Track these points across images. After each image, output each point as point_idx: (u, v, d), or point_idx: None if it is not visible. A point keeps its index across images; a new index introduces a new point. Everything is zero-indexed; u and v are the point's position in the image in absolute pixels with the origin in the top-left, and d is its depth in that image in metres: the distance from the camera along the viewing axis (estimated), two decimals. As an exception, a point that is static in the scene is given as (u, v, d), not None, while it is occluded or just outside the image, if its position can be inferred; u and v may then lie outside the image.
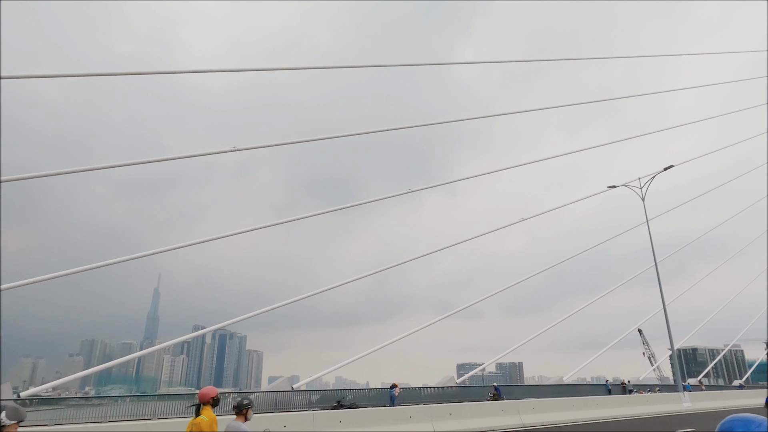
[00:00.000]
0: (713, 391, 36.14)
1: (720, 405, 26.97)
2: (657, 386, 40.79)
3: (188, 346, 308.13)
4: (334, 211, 23.50)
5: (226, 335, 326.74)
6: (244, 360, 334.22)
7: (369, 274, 22.58)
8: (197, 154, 20.13)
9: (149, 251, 17.15)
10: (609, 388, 35.98)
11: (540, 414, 17.79)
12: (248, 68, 20.03)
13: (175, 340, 25.04)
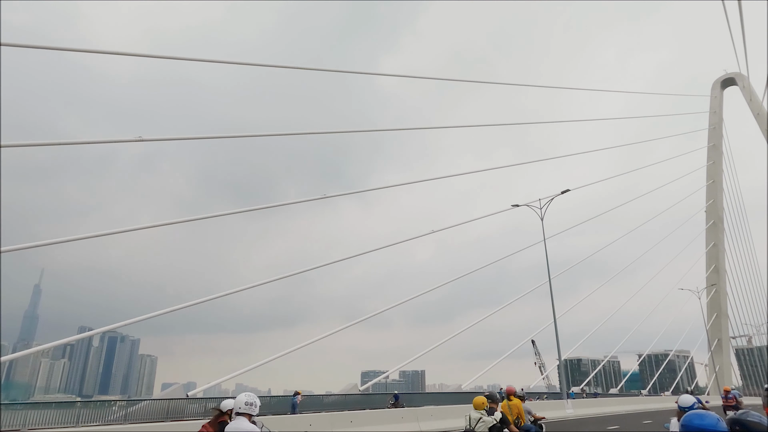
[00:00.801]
0: (592, 398, 39.47)
1: (598, 411, 29.49)
2: (545, 394, 43.78)
3: (71, 349, 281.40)
4: (245, 212, 22.77)
5: (116, 338, 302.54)
6: (136, 365, 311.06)
7: (277, 278, 22.08)
8: (97, 141, 18.62)
9: (28, 243, 15.48)
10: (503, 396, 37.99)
11: (438, 420, 18.34)
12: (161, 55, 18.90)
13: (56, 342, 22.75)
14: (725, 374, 57.51)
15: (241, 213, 22.36)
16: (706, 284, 59.51)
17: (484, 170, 34.52)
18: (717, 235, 61.05)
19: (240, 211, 22.44)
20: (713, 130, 63.16)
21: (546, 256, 32.03)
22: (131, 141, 17.13)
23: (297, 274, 23.48)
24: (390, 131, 28.26)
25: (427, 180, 33.12)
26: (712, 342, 57.88)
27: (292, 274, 22.93)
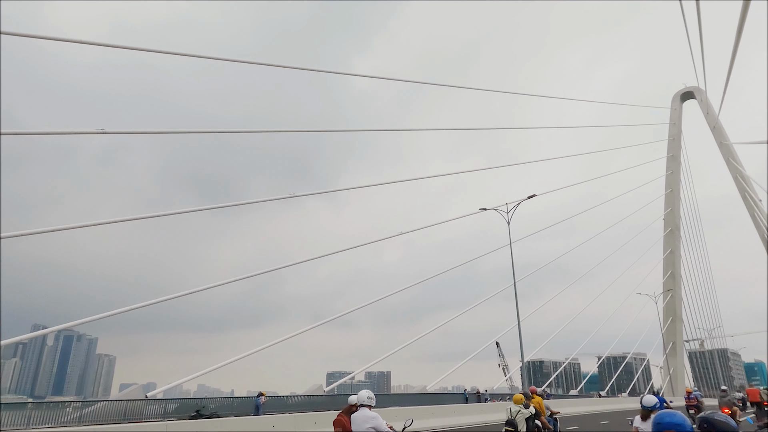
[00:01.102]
0: (553, 399, 40.35)
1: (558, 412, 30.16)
2: (508, 395, 44.50)
3: (24, 347, 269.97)
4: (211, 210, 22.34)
5: (72, 337, 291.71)
6: (93, 365, 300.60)
7: (243, 277, 21.75)
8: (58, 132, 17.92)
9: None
10: (467, 396, 38.48)
11: (402, 421, 18.40)
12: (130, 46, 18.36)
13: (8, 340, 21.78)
14: (679, 376, 59.77)
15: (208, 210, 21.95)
16: (663, 289, 61.73)
17: (453, 173, 34.95)
18: (674, 242, 63.44)
19: (206, 208, 22.01)
20: (672, 141, 65.60)
21: (512, 260, 32.59)
22: (94, 133, 16.58)
23: (264, 273, 23.21)
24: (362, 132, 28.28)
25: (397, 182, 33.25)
26: (667, 345, 60.08)
27: (259, 273, 22.65)
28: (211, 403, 24.10)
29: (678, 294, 62.83)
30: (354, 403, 6.83)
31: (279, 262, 29.34)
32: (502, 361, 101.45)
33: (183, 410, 21.32)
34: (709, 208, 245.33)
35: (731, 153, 57.21)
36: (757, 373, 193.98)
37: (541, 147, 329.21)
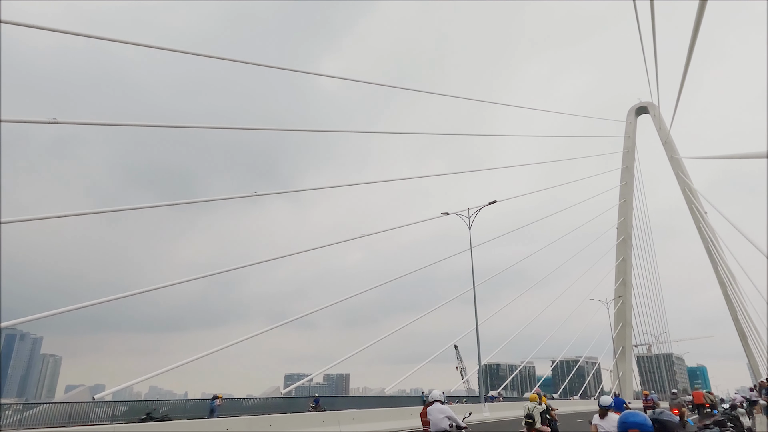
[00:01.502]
0: (508, 402, 41.16)
1: (512, 414, 30.79)
2: (464, 398, 45.11)
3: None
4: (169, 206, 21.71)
5: (15, 336, 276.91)
6: (36, 365, 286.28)
7: (200, 276, 21.21)
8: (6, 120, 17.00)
9: None
10: (424, 399, 38.71)
11: (359, 424, 18.37)
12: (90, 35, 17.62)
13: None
14: (627, 379, 62.10)
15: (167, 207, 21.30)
16: (615, 296, 64.05)
17: (417, 177, 35.22)
18: (626, 250, 65.95)
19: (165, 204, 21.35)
20: (627, 153, 68.25)
21: (471, 264, 33.11)
22: (45, 123, 15.83)
23: (223, 272, 22.70)
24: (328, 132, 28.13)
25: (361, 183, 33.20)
26: (617, 349, 62.32)
27: (218, 272, 22.15)
28: (163, 405, 23.38)
29: (628, 300, 65.31)
30: (433, 399, 8.90)
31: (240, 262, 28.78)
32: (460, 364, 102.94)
33: (133, 413, 20.60)
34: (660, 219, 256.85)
35: (681, 167, 60.00)
36: (699, 376, 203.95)
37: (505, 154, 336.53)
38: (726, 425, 10.08)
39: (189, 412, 22.96)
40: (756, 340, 44.08)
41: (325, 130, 27.79)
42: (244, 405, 27.39)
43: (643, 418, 3.15)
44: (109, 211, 19.14)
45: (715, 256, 52.99)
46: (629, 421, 3.15)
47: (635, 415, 3.17)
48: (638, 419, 3.13)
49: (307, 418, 17.41)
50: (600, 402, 8.38)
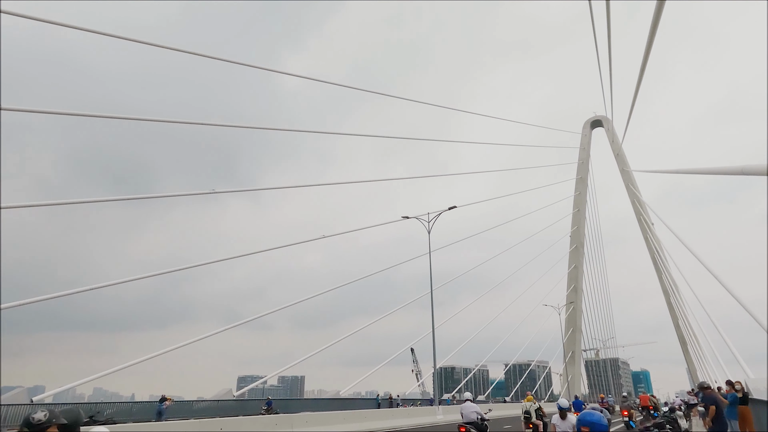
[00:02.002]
0: (462, 404, 41.76)
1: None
2: (419, 400, 45.46)
3: None
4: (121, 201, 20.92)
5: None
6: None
7: (152, 274, 20.54)
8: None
9: None
10: (379, 401, 38.83)
11: (313, 427, 18.22)
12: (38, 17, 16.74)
13: None
14: (576, 383, 64.16)
15: (120, 201, 20.52)
16: (566, 302, 66.14)
17: (379, 180, 35.34)
18: (578, 258, 68.27)
19: (117, 199, 20.60)
20: (581, 165, 70.75)
21: (430, 268, 33.46)
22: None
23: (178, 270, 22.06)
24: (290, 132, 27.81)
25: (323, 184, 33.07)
26: (567, 354, 64.34)
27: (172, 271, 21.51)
28: (108, 408, 22.51)
29: (579, 306, 67.58)
30: (465, 399, 11.67)
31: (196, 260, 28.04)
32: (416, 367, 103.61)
33: (75, 416, 19.66)
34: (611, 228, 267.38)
35: (631, 179, 62.66)
36: (643, 380, 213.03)
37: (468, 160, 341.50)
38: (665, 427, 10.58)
39: (135, 415, 22.18)
40: (695, 346, 46.46)
41: (288, 129, 27.48)
42: (195, 408, 26.68)
43: (599, 417, 3.50)
44: (56, 204, 18.27)
45: (660, 265, 55.57)
46: (585, 419, 3.49)
47: (591, 415, 3.51)
48: (594, 418, 3.48)
49: (260, 421, 17.12)
50: (559, 404, 9.03)
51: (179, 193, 22.46)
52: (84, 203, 18.89)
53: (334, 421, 19.87)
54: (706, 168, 16.23)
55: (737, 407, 13.16)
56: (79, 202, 18.52)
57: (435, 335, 32.10)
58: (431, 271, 33.33)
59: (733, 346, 21.29)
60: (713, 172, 15.23)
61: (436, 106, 40.59)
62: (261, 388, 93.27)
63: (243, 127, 24.98)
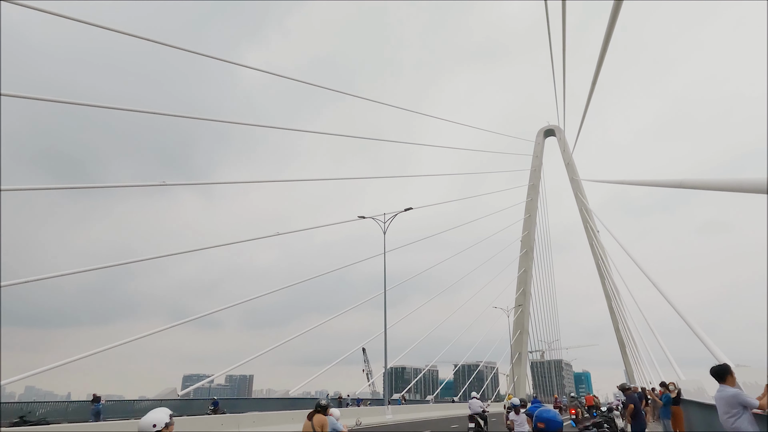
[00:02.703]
0: (411, 404, 42.20)
1: (414, 416, 31.61)
2: (368, 400, 45.52)
3: None
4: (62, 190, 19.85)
5: None
6: None
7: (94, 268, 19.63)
8: None
9: None
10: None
11: (260, 427, 17.91)
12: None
13: None
14: (521, 383, 66.07)
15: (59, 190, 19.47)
16: (515, 304, 68.03)
17: (334, 179, 35.17)
18: (528, 262, 70.37)
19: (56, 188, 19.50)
20: (534, 172, 73.00)
21: (384, 269, 33.60)
22: None
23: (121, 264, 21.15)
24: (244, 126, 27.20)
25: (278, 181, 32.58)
26: (514, 355, 66.18)
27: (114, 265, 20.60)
28: (41, 407, 21.28)
29: (527, 309, 69.64)
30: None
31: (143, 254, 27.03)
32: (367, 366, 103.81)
33: (4, 416, 18.54)
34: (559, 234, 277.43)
35: (579, 188, 65.16)
36: (584, 381, 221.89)
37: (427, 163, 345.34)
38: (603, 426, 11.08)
39: (70, 415, 21.09)
40: (632, 349, 48.82)
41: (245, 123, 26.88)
42: (136, 407, 25.67)
43: (554, 413, 3.79)
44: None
45: (604, 271, 58.05)
46: (542, 416, 3.78)
47: (548, 412, 3.79)
48: (549, 415, 3.76)
49: (206, 421, 16.68)
50: (512, 402, 10.70)
51: (128, 184, 21.58)
52: (23, 190, 17.81)
53: (282, 421, 19.61)
54: (648, 180, 17.08)
55: (671, 407, 13.93)
56: (18, 189, 17.45)
57: (387, 335, 32.26)
58: (385, 271, 33.49)
59: (667, 350, 22.50)
60: (655, 184, 16.05)
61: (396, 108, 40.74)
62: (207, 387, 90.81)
63: (198, 119, 24.24)
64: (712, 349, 12.76)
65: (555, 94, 40.73)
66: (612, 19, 10.97)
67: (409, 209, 35.33)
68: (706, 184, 10.26)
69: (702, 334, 13.99)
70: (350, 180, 40.68)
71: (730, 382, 5.47)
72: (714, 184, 9.72)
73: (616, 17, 10.91)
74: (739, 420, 5.06)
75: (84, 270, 19.49)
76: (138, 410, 25.15)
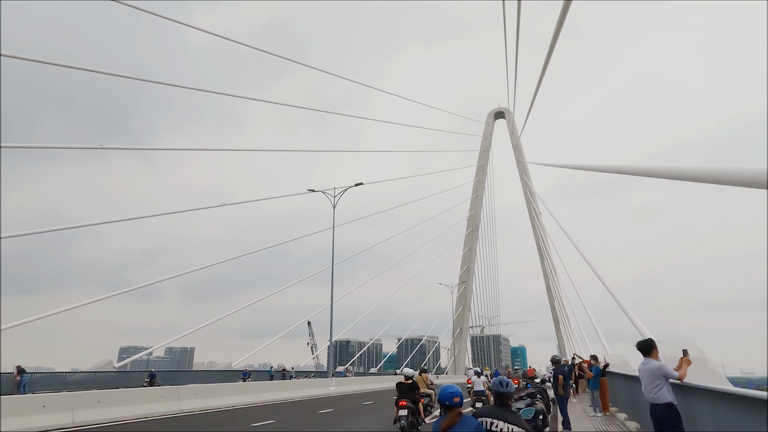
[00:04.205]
0: (354, 377, 42.93)
1: (358, 388, 32.16)
2: (312, 372, 45.87)
3: None
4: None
5: None
6: None
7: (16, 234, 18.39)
8: None
9: None
10: (272, 374, 38.59)
11: (201, 399, 17.65)
12: None
13: None
14: (461, 357, 68.57)
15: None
16: (459, 281, 69.98)
17: (284, 150, 34.47)
18: (473, 241, 72.26)
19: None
20: (483, 153, 74.42)
21: (332, 243, 33.53)
22: None
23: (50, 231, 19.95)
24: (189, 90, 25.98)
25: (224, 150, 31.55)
26: (456, 330, 68.37)
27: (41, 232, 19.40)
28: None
29: (470, 286, 71.82)
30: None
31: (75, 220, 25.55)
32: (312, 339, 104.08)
33: None
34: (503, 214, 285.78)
35: (525, 170, 67.14)
36: (520, 355, 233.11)
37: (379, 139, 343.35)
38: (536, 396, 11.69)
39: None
40: (566, 325, 51.61)
41: (188, 87, 25.70)
42: (68, 380, 24.69)
43: (508, 380, 3.81)
44: None
45: (543, 251, 60.58)
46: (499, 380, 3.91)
47: (503, 378, 3.82)
48: (504, 380, 3.81)
49: (143, 394, 16.24)
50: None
51: (61, 145, 20.22)
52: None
53: (224, 393, 19.42)
54: (589, 165, 17.80)
55: (599, 378, 14.93)
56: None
57: (333, 309, 32.41)
58: (334, 246, 33.44)
59: (597, 326, 23.92)
60: (595, 169, 16.74)
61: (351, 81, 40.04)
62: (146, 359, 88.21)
63: (140, 80, 22.90)
64: (638, 325, 13.65)
65: (507, 78, 41.44)
66: (563, 10, 11.19)
67: (359, 184, 35.25)
68: (641, 171, 10.81)
69: (630, 311, 14.94)
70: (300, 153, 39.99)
71: (654, 355, 5.90)
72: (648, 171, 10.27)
73: (568, 8, 11.14)
74: (661, 390, 5.49)
75: (7, 236, 18.23)
76: (70, 383, 24.19)
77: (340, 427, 12.98)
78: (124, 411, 14.27)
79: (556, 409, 14.03)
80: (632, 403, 11.83)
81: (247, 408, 18.48)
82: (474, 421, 3.31)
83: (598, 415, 14.19)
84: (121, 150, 29.43)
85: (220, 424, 13.39)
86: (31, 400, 12.64)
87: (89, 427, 12.59)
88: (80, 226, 21.72)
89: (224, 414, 16.36)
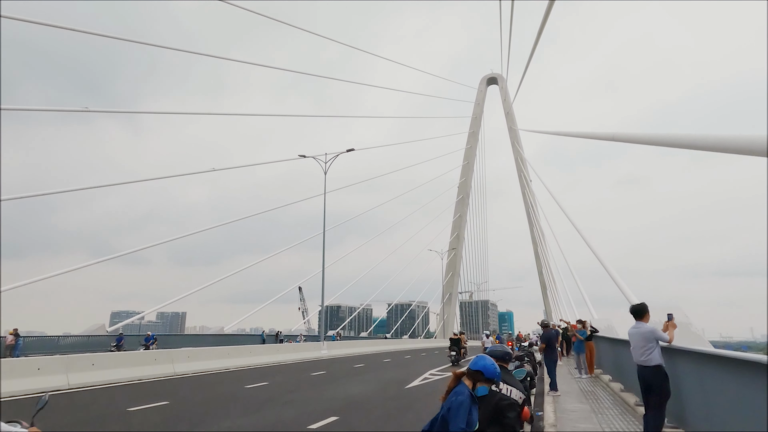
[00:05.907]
0: (345, 340, 43.66)
1: (349, 352, 32.77)
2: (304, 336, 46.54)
3: None
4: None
5: None
6: None
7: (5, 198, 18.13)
8: None
9: None
10: (264, 338, 39.12)
11: (194, 362, 17.88)
12: None
13: None
14: (450, 322, 69.88)
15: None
16: (449, 248, 70.58)
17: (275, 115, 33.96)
18: (463, 208, 72.55)
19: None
20: (475, 119, 73.85)
21: (324, 210, 33.47)
22: None
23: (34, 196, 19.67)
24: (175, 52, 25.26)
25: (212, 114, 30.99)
26: (445, 295, 69.41)
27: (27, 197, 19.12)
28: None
29: (460, 253, 72.54)
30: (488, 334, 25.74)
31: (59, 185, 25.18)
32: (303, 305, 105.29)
33: None
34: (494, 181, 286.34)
35: (517, 137, 66.89)
36: (507, 320, 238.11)
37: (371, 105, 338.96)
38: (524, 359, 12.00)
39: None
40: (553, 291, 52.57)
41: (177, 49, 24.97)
42: (61, 343, 24.84)
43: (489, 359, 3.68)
44: None
45: (533, 218, 61.07)
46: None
47: (483, 358, 3.64)
48: (485, 359, 3.69)
49: (137, 357, 16.41)
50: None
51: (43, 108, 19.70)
52: None
53: (217, 356, 19.68)
54: (582, 132, 17.77)
55: (584, 342, 15.33)
56: None
57: (324, 275, 32.63)
58: (325, 212, 33.39)
59: (584, 291, 24.40)
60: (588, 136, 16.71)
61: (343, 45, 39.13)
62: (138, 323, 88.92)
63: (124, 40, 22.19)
64: (624, 290, 13.94)
65: (500, 42, 40.75)
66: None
67: (351, 150, 34.95)
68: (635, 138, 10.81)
69: (617, 276, 15.23)
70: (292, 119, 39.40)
71: (646, 319, 6.06)
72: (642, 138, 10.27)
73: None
74: (652, 353, 5.67)
75: None
76: (63, 346, 24.34)
77: (335, 389, 13.25)
78: (118, 373, 14.44)
79: (542, 371, 14.44)
80: (617, 365, 12.19)
81: (240, 371, 18.80)
82: (466, 389, 3.30)
83: (583, 377, 14.63)
84: (106, 113, 28.76)
85: (214, 386, 13.62)
86: (26, 363, 12.72)
87: (85, 388, 12.75)
88: (64, 191, 21.43)
89: (218, 376, 16.63)
